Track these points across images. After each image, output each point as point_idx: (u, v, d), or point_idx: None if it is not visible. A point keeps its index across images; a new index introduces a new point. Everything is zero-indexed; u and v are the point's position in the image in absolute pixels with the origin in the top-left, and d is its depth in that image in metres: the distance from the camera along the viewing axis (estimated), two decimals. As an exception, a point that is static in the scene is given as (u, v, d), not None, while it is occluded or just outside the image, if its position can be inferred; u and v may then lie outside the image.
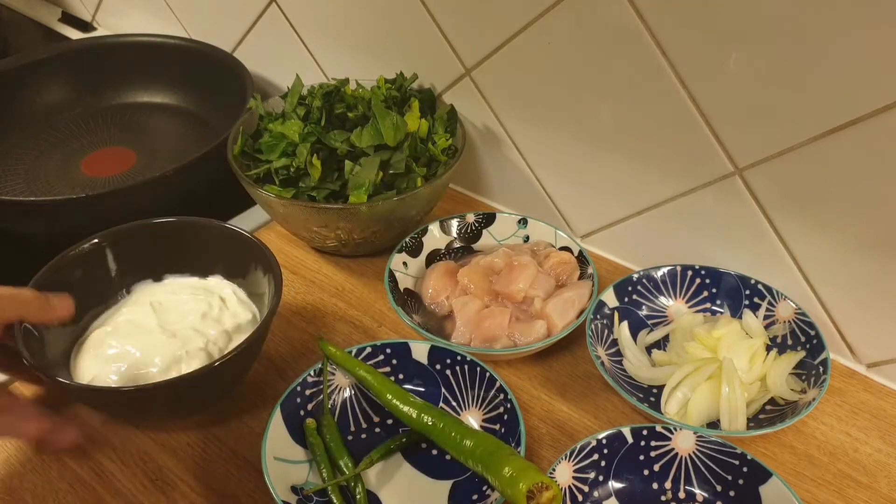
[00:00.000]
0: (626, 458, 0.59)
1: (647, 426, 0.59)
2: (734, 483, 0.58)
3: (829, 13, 0.57)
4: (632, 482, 0.59)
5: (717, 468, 0.58)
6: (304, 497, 0.58)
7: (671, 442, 0.59)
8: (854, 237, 0.65)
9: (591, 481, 0.58)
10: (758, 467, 0.56)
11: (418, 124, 0.79)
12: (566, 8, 0.70)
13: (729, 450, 0.58)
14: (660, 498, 0.59)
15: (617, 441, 0.58)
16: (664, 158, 0.73)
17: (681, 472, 0.59)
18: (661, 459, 0.59)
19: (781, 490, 0.55)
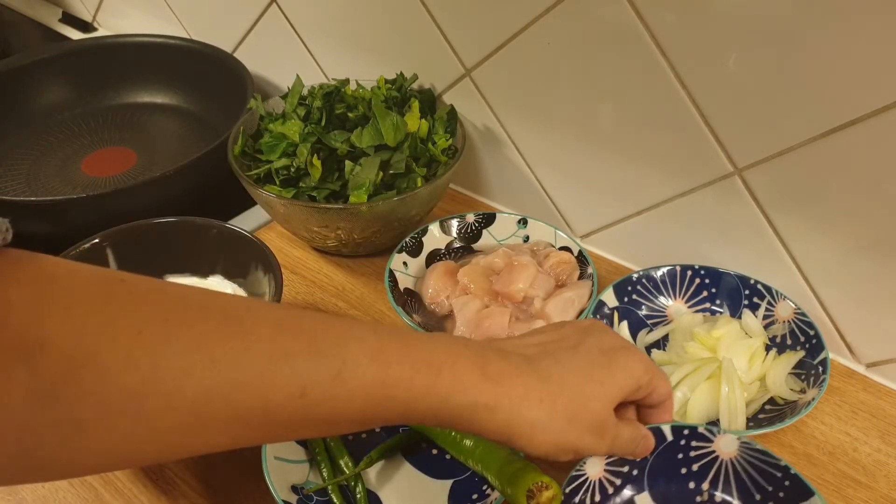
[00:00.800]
0: (663, 456, 0.57)
1: (689, 425, 0.57)
2: (774, 495, 0.55)
3: (829, 13, 0.57)
4: (668, 480, 0.57)
5: (758, 477, 0.56)
6: (304, 496, 0.58)
7: (713, 444, 0.57)
8: (853, 237, 0.65)
9: (625, 475, 0.57)
10: (800, 484, 0.54)
11: (418, 124, 0.79)
12: (566, 8, 0.70)
13: (773, 461, 0.56)
14: (695, 499, 0.57)
15: (656, 438, 0.55)
16: (664, 158, 0.73)
17: (720, 475, 0.57)
18: (701, 461, 0.57)
19: None
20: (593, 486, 0.55)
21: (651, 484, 0.57)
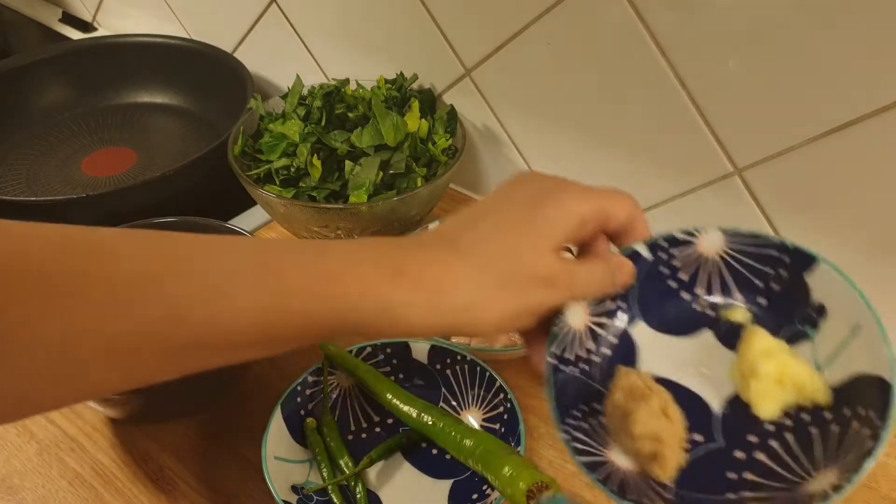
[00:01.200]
0: (648, 277, 0.50)
1: (663, 235, 0.50)
2: (776, 277, 0.49)
3: (829, 12, 0.57)
4: (660, 300, 0.51)
5: (755, 263, 0.49)
6: (304, 496, 0.58)
7: (696, 246, 0.50)
8: (854, 237, 0.65)
9: (613, 312, 0.50)
10: (800, 254, 0.48)
11: (418, 124, 0.79)
12: (566, 8, 0.70)
13: (765, 241, 0.49)
14: (693, 308, 0.50)
15: (634, 261, 0.49)
16: (664, 158, 0.73)
17: (714, 276, 0.50)
18: (690, 268, 0.50)
19: (832, 275, 0.47)
20: (581, 336, 0.49)
21: (644, 311, 0.50)
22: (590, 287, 0.45)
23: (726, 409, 0.47)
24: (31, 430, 0.66)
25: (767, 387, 0.45)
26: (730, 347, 0.49)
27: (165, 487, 0.61)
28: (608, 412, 0.46)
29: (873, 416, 0.42)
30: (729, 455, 0.45)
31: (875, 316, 0.44)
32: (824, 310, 0.47)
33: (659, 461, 0.44)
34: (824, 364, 0.46)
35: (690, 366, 0.49)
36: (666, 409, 0.45)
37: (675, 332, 0.50)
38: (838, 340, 0.46)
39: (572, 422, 0.45)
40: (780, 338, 0.47)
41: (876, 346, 0.44)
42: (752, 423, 0.46)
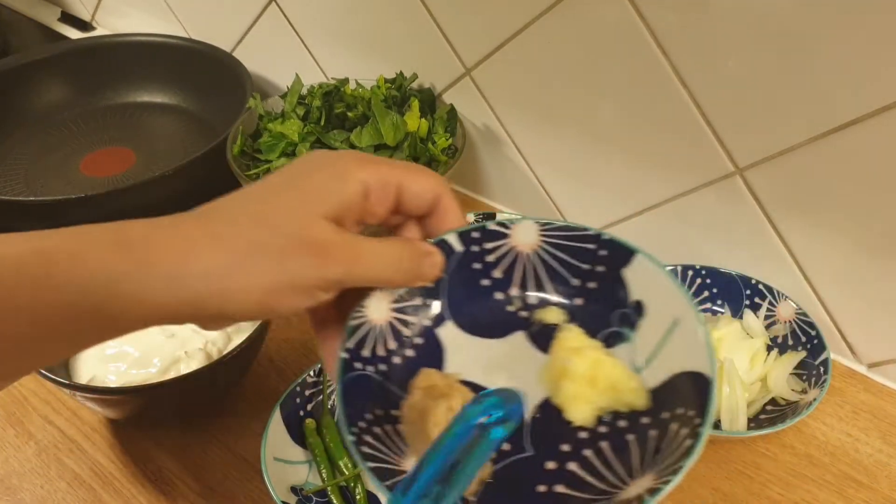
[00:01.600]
0: (458, 272, 0.46)
1: (476, 226, 0.46)
2: (592, 273, 0.46)
3: (829, 13, 0.57)
4: (470, 298, 0.46)
5: (570, 258, 0.46)
6: (303, 497, 0.58)
7: (509, 239, 0.46)
8: (855, 237, 0.65)
9: (419, 308, 0.46)
10: (617, 247, 0.45)
11: (418, 124, 0.79)
12: (566, 7, 0.70)
13: (581, 233, 0.46)
14: (506, 309, 0.47)
15: (444, 252, 0.45)
16: (665, 158, 0.72)
17: (527, 272, 0.47)
18: (502, 262, 0.47)
19: (649, 268, 0.44)
20: (383, 332, 0.44)
21: (453, 309, 0.46)
22: (379, 267, 0.40)
23: (537, 415, 0.43)
24: (30, 431, 0.66)
25: (580, 388, 0.42)
26: (543, 350, 0.45)
27: (164, 488, 0.61)
28: (405, 416, 0.42)
29: (692, 413, 0.39)
30: (539, 466, 0.41)
31: (693, 309, 0.42)
32: (642, 307, 0.44)
33: None
34: (643, 366, 0.43)
35: (501, 370, 0.45)
36: None
37: (485, 333, 0.46)
38: (657, 339, 0.43)
39: (363, 425, 0.40)
40: (596, 340, 0.44)
41: (694, 341, 0.41)
42: (565, 431, 0.42)
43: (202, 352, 0.64)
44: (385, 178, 0.40)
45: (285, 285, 0.36)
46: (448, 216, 0.43)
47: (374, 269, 0.39)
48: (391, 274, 0.40)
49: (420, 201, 0.42)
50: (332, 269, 0.37)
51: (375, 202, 0.40)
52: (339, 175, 0.39)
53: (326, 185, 0.38)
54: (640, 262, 0.45)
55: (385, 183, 0.40)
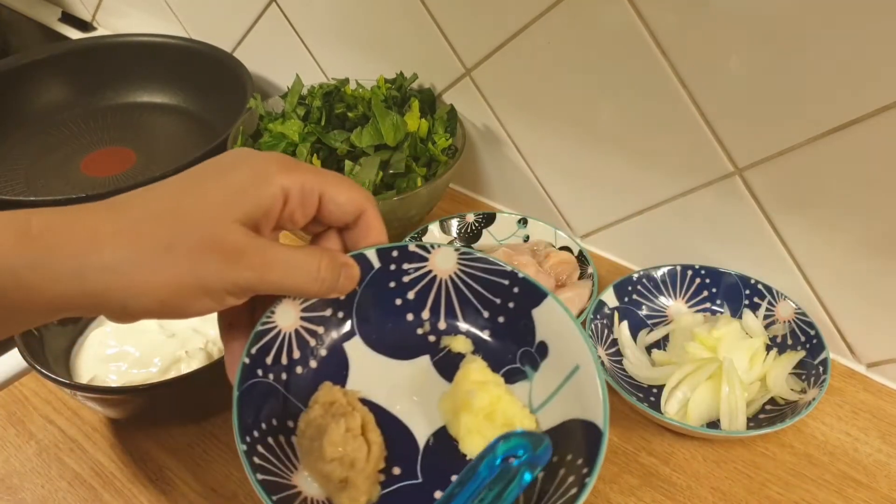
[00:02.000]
0: (372, 287, 0.46)
1: (397, 245, 0.46)
2: (504, 307, 0.47)
3: (829, 12, 0.57)
4: (381, 317, 0.47)
5: (483, 291, 0.47)
6: (303, 497, 0.58)
7: (428, 263, 0.47)
8: (854, 237, 0.65)
9: (328, 320, 0.46)
10: (529, 287, 0.46)
11: (418, 124, 0.79)
12: (566, 8, 0.70)
13: (497, 267, 0.47)
14: (415, 332, 0.47)
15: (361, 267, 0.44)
16: (664, 158, 0.72)
17: (441, 298, 0.47)
18: (417, 284, 0.47)
19: (557, 312, 0.45)
20: (289, 340, 0.44)
21: (361, 325, 0.47)
22: (293, 276, 0.38)
23: (432, 443, 0.44)
24: (31, 431, 0.66)
25: (478, 422, 0.43)
26: (446, 378, 0.46)
27: (165, 488, 0.61)
28: (301, 430, 0.42)
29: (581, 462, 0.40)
30: (428, 494, 0.42)
31: (594, 357, 0.43)
32: (546, 349, 0.45)
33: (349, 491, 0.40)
34: (539, 407, 0.44)
35: (402, 392, 0.45)
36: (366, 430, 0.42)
37: (392, 353, 0.47)
38: (556, 383, 0.44)
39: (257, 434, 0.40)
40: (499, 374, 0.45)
41: (591, 390, 0.42)
42: (457, 462, 0.43)
43: (203, 351, 0.64)
44: (307, 185, 0.39)
45: (193, 287, 0.35)
46: (370, 231, 0.43)
47: (287, 277, 0.38)
48: (305, 283, 0.39)
49: (342, 213, 0.41)
50: (242, 273, 0.36)
51: (295, 209, 0.39)
52: (259, 179, 0.38)
53: (245, 188, 0.37)
54: (550, 305, 0.45)
55: (307, 191, 0.39)
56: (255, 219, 0.38)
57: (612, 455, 0.64)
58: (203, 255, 0.35)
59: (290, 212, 0.39)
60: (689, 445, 0.64)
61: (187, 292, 0.35)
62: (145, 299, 0.35)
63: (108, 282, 0.34)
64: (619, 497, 0.61)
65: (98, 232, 0.34)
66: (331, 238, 0.43)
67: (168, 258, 0.35)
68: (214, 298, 0.36)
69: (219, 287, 0.36)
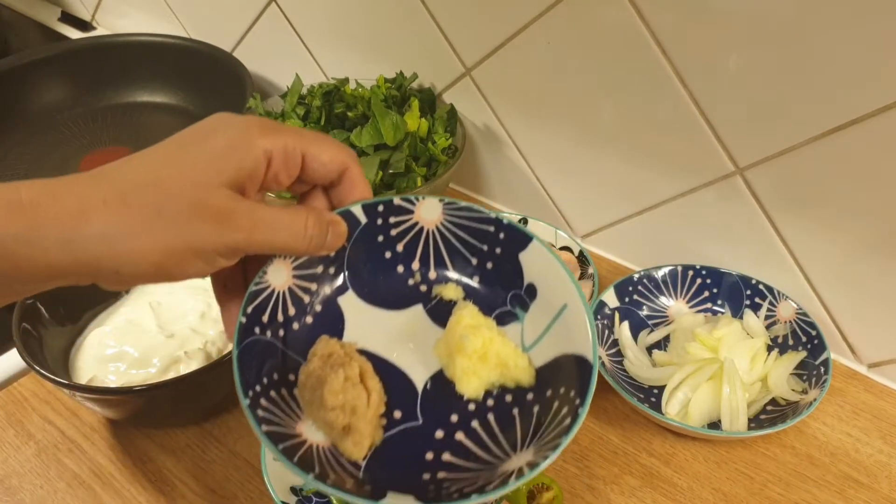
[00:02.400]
0: (361, 243, 0.47)
1: (382, 199, 0.47)
2: (491, 253, 0.48)
3: (829, 12, 0.56)
4: (372, 270, 0.48)
5: (470, 238, 0.48)
6: (303, 497, 0.58)
7: (414, 215, 0.48)
8: (855, 237, 0.65)
9: (320, 277, 0.47)
10: (515, 232, 0.48)
11: (418, 124, 0.79)
12: (566, 7, 0.70)
13: (482, 215, 0.48)
14: (407, 283, 0.49)
15: (348, 223, 0.45)
16: (665, 158, 0.72)
17: (429, 248, 0.49)
18: (405, 237, 0.48)
19: (543, 255, 0.47)
20: (283, 298, 0.45)
21: (353, 280, 0.48)
22: (281, 235, 0.39)
23: (430, 387, 0.46)
24: (30, 431, 0.65)
25: (472, 363, 0.45)
26: (439, 324, 0.48)
27: (164, 489, 0.61)
28: (302, 382, 0.44)
29: (573, 394, 0.42)
30: (429, 434, 0.44)
31: (580, 295, 0.44)
32: (535, 291, 0.47)
33: (353, 436, 0.42)
34: (531, 346, 0.46)
35: (398, 341, 0.47)
36: (364, 378, 0.43)
37: (385, 305, 0.48)
38: (545, 322, 0.46)
39: (259, 389, 0.42)
40: (490, 318, 0.47)
41: (579, 327, 0.44)
42: (455, 403, 0.45)
43: (202, 352, 0.64)
44: (289, 146, 0.40)
45: (185, 250, 0.36)
46: (354, 187, 0.44)
47: (275, 236, 0.39)
48: (294, 241, 0.40)
49: (325, 171, 0.42)
50: (232, 235, 0.37)
51: (279, 170, 0.40)
52: (241, 142, 0.38)
53: (227, 151, 0.38)
54: (535, 249, 0.47)
55: (289, 152, 0.40)
56: (240, 182, 0.38)
57: (613, 456, 0.63)
58: (192, 219, 0.36)
59: (275, 173, 0.40)
60: (690, 446, 0.64)
61: (180, 256, 0.36)
62: (138, 265, 0.36)
63: (100, 251, 0.35)
64: (620, 498, 0.60)
65: (87, 202, 0.35)
66: (317, 197, 0.44)
67: (158, 224, 0.36)
68: (206, 261, 0.37)
69: (210, 249, 0.37)
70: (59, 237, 0.34)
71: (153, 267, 0.36)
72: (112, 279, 0.37)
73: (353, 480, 0.40)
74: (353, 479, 0.41)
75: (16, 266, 0.34)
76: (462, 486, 0.40)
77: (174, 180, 0.37)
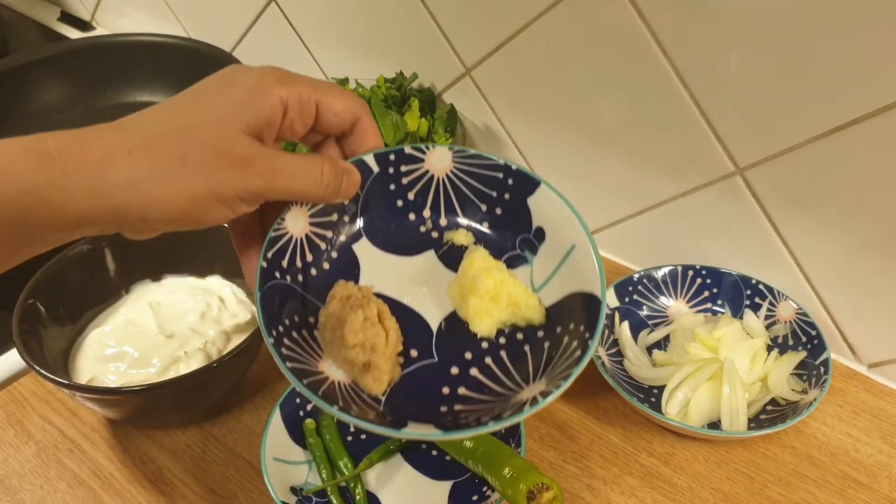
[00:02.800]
0: (374, 192, 0.49)
1: (393, 149, 0.49)
2: (500, 199, 0.50)
3: (829, 12, 0.56)
4: (385, 218, 0.50)
5: (479, 185, 0.50)
6: (303, 498, 0.58)
7: (424, 164, 0.49)
8: (855, 237, 0.65)
9: (335, 224, 0.48)
10: (523, 177, 0.49)
11: (418, 124, 0.79)
12: (566, 7, 0.70)
13: (491, 162, 0.49)
14: (419, 230, 0.50)
15: (361, 172, 0.47)
16: (665, 158, 0.72)
17: (440, 196, 0.50)
18: (416, 185, 0.50)
19: (552, 198, 0.48)
20: (301, 245, 0.47)
21: (367, 227, 0.49)
22: (300, 180, 0.41)
23: (444, 327, 0.47)
24: (30, 431, 0.65)
25: (484, 303, 0.46)
26: (451, 269, 0.49)
27: (164, 489, 0.61)
28: (322, 323, 0.45)
29: (583, 328, 0.43)
30: (445, 370, 0.46)
31: (588, 235, 0.46)
32: (543, 234, 0.48)
33: (373, 372, 0.43)
34: (541, 286, 0.48)
35: (412, 285, 0.49)
36: (382, 318, 0.45)
37: (398, 251, 0.50)
38: (554, 263, 0.47)
39: (282, 329, 0.43)
40: (500, 261, 0.48)
41: (587, 265, 0.45)
42: (469, 341, 0.47)
43: (202, 352, 0.64)
44: (304, 95, 0.41)
45: (208, 196, 0.38)
46: (366, 137, 0.45)
47: (294, 182, 0.41)
48: (311, 187, 0.42)
49: (339, 120, 0.43)
50: (253, 181, 0.39)
51: (294, 118, 0.42)
52: (258, 91, 0.40)
53: (246, 99, 0.39)
54: (544, 192, 0.48)
55: (304, 100, 0.41)
56: (259, 129, 0.40)
57: (613, 456, 0.63)
58: (215, 165, 0.38)
59: (290, 121, 0.42)
60: (690, 446, 0.64)
61: (204, 202, 0.38)
62: (164, 211, 0.37)
63: (126, 196, 0.37)
64: (620, 498, 0.60)
65: (112, 150, 0.37)
66: (330, 147, 0.45)
67: (182, 171, 0.37)
68: (229, 206, 0.39)
69: (232, 195, 0.39)
70: (88, 183, 0.36)
71: (179, 212, 0.38)
72: (138, 226, 0.38)
73: (374, 412, 0.42)
74: (375, 411, 0.42)
75: (49, 213, 0.36)
76: (478, 415, 0.42)
77: (196, 128, 0.38)
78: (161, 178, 0.37)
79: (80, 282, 0.67)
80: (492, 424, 0.40)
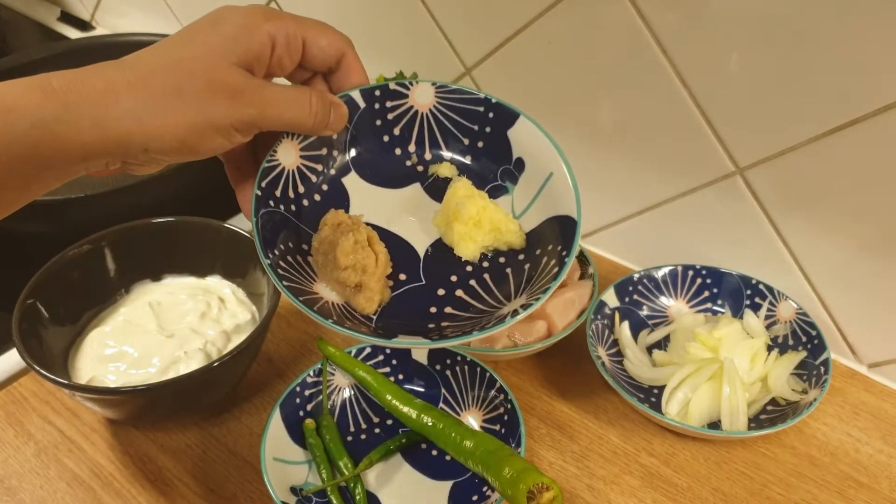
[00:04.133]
0: (360, 126, 0.51)
1: (379, 85, 0.51)
2: (481, 132, 0.52)
3: (829, 13, 0.56)
4: (372, 153, 0.52)
5: (461, 119, 0.52)
6: (303, 498, 0.58)
7: (408, 100, 0.52)
8: (855, 237, 0.65)
9: (325, 158, 0.51)
10: (503, 110, 0.51)
11: (418, 124, 0.79)
12: (566, 7, 0.70)
13: (472, 96, 0.51)
14: (405, 164, 0.53)
15: (348, 107, 0.50)
16: (665, 158, 0.72)
17: (424, 131, 0.53)
18: (401, 121, 0.52)
19: (530, 129, 0.51)
20: (293, 177, 0.49)
21: (355, 161, 0.52)
22: (291, 109, 0.44)
23: (430, 252, 0.50)
24: (30, 431, 0.65)
25: (468, 229, 0.49)
26: (437, 200, 0.52)
27: (164, 489, 0.61)
28: (315, 248, 0.48)
29: (560, 248, 0.46)
30: (432, 292, 0.48)
31: (565, 162, 0.49)
32: (523, 164, 0.51)
33: (364, 293, 0.46)
34: (521, 214, 0.51)
35: (399, 215, 0.51)
36: (372, 243, 0.47)
37: (386, 184, 0.52)
38: (534, 191, 0.50)
39: (277, 253, 0.46)
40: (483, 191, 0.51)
41: (564, 190, 0.48)
42: (454, 265, 0.50)
43: (202, 352, 0.64)
44: (291, 31, 0.44)
45: (205, 125, 0.40)
46: (352, 73, 0.47)
47: (285, 111, 0.43)
48: (300, 117, 0.44)
49: (325, 56, 0.46)
50: (246, 110, 0.41)
51: (282, 54, 0.44)
52: (248, 27, 0.42)
53: (236, 34, 0.42)
54: (523, 124, 0.51)
55: (291, 36, 0.44)
56: (249, 63, 0.42)
57: (613, 456, 0.63)
58: (209, 96, 0.40)
59: (279, 57, 0.44)
60: (690, 446, 0.64)
61: (201, 132, 0.40)
62: (164, 140, 0.40)
63: (128, 127, 0.39)
64: (620, 498, 0.60)
65: (113, 85, 0.39)
66: (318, 83, 0.48)
67: (179, 102, 0.40)
68: (224, 135, 0.41)
69: (226, 124, 0.41)
70: (92, 115, 0.38)
71: (178, 142, 0.40)
72: (140, 157, 0.40)
73: (366, 327, 0.45)
74: (367, 327, 0.45)
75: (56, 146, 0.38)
76: (464, 328, 0.45)
77: (190, 62, 0.40)
78: (160, 108, 0.39)
79: (80, 282, 0.67)
80: (476, 333, 0.43)
